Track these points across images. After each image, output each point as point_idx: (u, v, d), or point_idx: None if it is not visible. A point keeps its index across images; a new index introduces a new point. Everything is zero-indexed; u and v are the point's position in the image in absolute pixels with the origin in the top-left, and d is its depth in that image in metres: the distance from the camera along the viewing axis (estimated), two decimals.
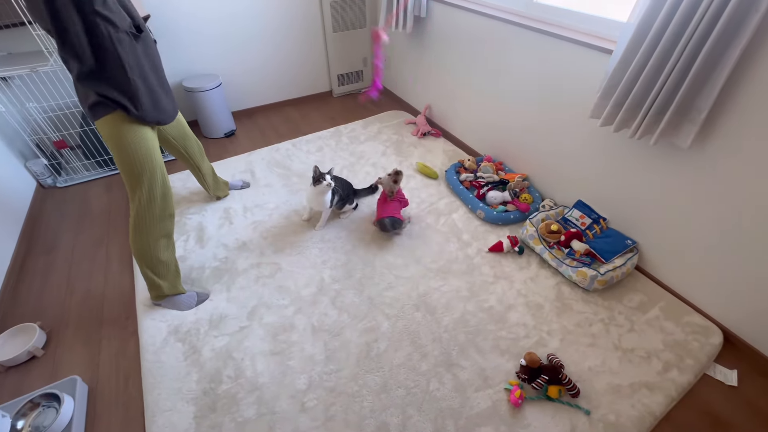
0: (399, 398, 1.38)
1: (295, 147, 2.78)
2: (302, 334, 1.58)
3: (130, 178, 1.38)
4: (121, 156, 1.34)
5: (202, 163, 2.00)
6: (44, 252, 2.00)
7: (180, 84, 2.79)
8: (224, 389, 1.40)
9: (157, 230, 1.49)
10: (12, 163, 2.23)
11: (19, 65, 2.06)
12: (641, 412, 1.34)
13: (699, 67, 1.24)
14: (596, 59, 1.68)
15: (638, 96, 1.45)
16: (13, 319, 1.66)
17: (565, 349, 1.53)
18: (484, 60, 2.31)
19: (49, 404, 1.32)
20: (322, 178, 1.88)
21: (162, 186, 1.44)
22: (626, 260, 1.76)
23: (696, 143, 1.46)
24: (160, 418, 1.32)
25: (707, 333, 1.59)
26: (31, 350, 1.51)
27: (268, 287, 1.77)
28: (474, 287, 1.77)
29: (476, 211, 2.15)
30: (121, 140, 1.31)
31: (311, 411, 1.34)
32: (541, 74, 1.98)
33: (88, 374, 1.48)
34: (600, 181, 1.90)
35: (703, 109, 1.32)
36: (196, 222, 2.13)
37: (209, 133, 2.92)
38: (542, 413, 1.34)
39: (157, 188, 1.43)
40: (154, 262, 1.53)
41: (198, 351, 1.52)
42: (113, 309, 1.72)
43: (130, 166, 1.35)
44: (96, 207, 2.29)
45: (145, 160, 1.36)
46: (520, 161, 2.35)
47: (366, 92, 1.92)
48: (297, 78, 3.31)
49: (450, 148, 2.78)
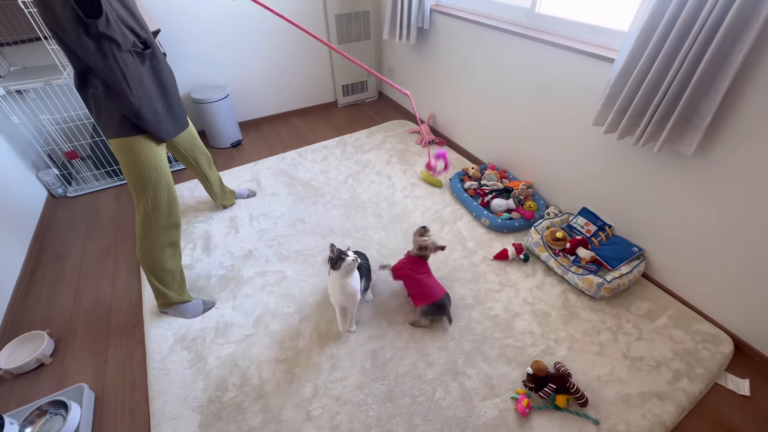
0: (405, 407, 1.37)
1: (300, 156, 2.82)
2: (308, 342, 1.58)
3: (136, 188, 1.41)
4: (127, 167, 1.38)
5: (210, 172, 2.04)
6: (54, 260, 2.03)
7: (188, 95, 2.85)
8: (230, 397, 1.40)
9: (162, 239, 1.51)
10: (24, 173, 2.28)
11: (34, 79, 2.12)
12: (652, 422, 1.32)
13: (701, 73, 1.25)
14: (598, 67, 1.70)
15: (641, 103, 1.46)
16: (22, 327, 1.68)
17: (573, 357, 1.51)
18: (486, 69, 2.34)
19: (56, 411, 1.33)
20: (344, 254, 1.42)
21: (167, 195, 1.47)
22: (633, 267, 1.75)
23: (700, 150, 1.46)
24: (166, 427, 1.32)
25: (717, 341, 1.57)
26: (40, 358, 1.52)
27: (273, 295, 1.78)
28: (479, 295, 1.77)
29: (481, 219, 2.16)
30: (127, 152, 1.35)
31: (317, 420, 1.34)
32: (543, 83, 2.00)
33: (95, 382, 1.49)
34: (605, 188, 1.90)
35: (707, 116, 1.32)
36: (202, 230, 2.15)
37: (216, 143, 2.96)
38: (550, 423, 1.32)
39: (162, 198, 1.45)
40: (159, 270, 1.55)
41: (204, 359, 1.52)
42: (121, 317, 1.73)
43: (136, 177, 1.39)
44: (105, 216, 2.32)
45: (150, 172, 1.40)
46: (524, 169, 2.36)
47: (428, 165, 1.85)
48: (302, 89, 3.36)
49: (454, 156, 2.80)
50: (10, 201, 2.05)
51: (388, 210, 2.28)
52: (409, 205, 2.33)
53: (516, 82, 2.17)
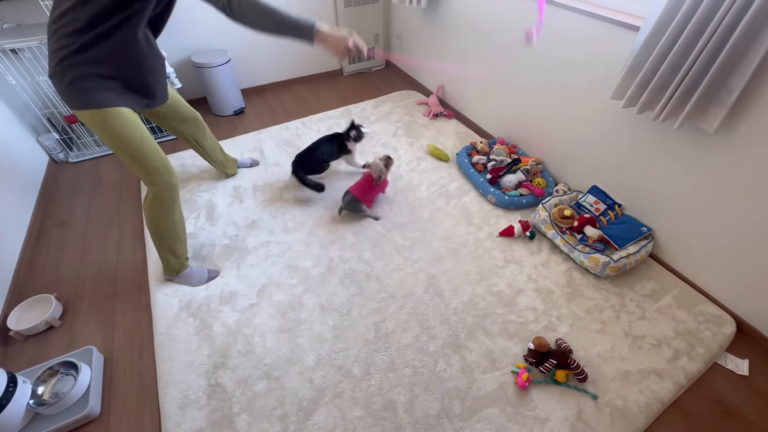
0: (406, 377, 1.40)
1: (304, 126, 2.75)
2: (311, 313, 1.59)
3: (140, 168, 1.39)
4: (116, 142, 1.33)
5: (204, 140, 1.97)
6: (58, 226, 2.03)
7: (188, 59, 2.74)
8: (234, 363, 1.43)
9: (174, 205, 1.51)
10: (24, 136, 2.24)
11: (29, 37, 2.03)
12: (649, 398, 1.34)
13: (735, 42, 1.17)
14: (621, 37, 1.60)
15: (665, 75, 1.38)
16: (30, 290, 1.70)
17: (575, 334, 1.52)
18: (500, 38, 2.22)
19: (67, 372, 1.36)
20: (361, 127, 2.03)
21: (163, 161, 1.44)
22: (640, 247, 1.72)
23: (723, 127, 1.40)
24: (173, 389, 1.36)
25: (720, 322, 1.57)
26: (49, 320, 1.55)
27: (277, 266, 1.78)
28: (483, 271, 1.76)
29: (487, 196, 2.12)
30: (110, 123, 1.29)
31: (319, 387, 1.37)
32: (561, 53, 1.90)
33: (103, 345, 1.52)
34: (617, 166, 1.84)
35: (735, 90, 1.25)
36: (206, 200, 2.13)
37: (218, 110, 2.89)
38: (549, 396, 1.35)
39: (160, 164, 1.43)
40: (172, 238, 1.56)
41: (209, 326, 1.55)
42: (126, 283, 1.75)
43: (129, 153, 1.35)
44: (107, 182, 2.30)
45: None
46: (534, 144, 2.29)
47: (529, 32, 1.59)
48: (307, 55, 3.23)
49: (462, 129, 2.72)
50: (12, 165, 2.02)
51: (393, 183, 2.24)
52: (415, 179, 2.28)
53: (533, 53, 2.06)
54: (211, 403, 1.33)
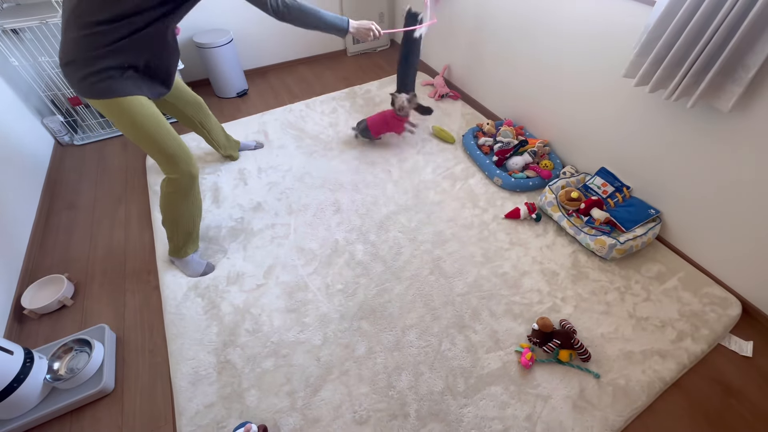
0: (411, 356, 1.42)
1: (308, 108, 2.71)
2: (317, 294, 1.61)
3: (161, 156, 1.39)
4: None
5: (206, 120, 1.95)
6: (66, 208, 2.05)
7: (190, 39, 2.70)
8: (243, 341, 1.46)
9: (194, 192, 1.53)
10: (29, 119, 2.24)
11: (29, 17, 2.01)
12: (651, 377, 1.35)
13: (753, 18, 1.12)
14: (635, 11, 1.54)
15: (680, 52, 1.33)
16: (41, 271, 1.74)
17: (579, 315, 1.53)
18: (508, 16, 2.15)
19: (81, 349, 1.40)
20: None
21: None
22: (648, 230, 1.71)
23: (738, 107, 1.36)
24: (185, 366, 1.39)
25: (725, 304, 1.57)
26: (62, 299, 1.58)
27: (283, 247, 1.79)
28: (489, 253, 1.76)
29: (493, 179, 2.10)
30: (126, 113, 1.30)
31: (326, 365, 1.40)
32: (571, 31, 1.84)
33: (115, 323, 1.56)
34: (627, 147, 1.81)
35: (752, 68, 1.21)
36: (211, 182, 2.13)
37: (221, 92, 2.86)
38: (551, 375, 1.37)
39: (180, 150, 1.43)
40: (189, 223, 1.59)
41: (217, 306, 1.57)
42: (135, 264, 1.77)
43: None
44: (113, 165, 2.31)
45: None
46: (542, 126, 2.25)
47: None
48: (310, 35, 3.16)
49: (468, 111, 2.68)
50: (19, 147, 2.03)
51: (399, 165, 2.23)
52: (420, 161, 2.26)
53: (541, 31, 1.99)
54: (221, 378, 1.36)
